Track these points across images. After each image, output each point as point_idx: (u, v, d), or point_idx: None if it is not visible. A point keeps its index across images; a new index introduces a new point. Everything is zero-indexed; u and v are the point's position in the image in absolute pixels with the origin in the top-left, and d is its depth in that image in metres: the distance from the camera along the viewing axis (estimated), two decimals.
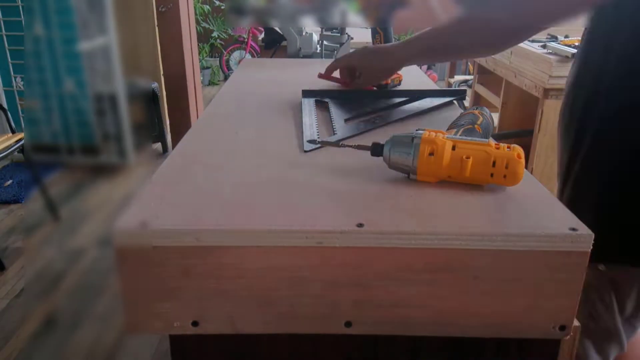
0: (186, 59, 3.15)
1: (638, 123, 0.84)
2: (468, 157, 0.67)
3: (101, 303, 1.89)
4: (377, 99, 1.14)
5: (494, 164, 0.66)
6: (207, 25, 6.08)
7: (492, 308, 0.61)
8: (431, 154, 0.68)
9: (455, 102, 1.14)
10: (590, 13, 0.89)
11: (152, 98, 3.39)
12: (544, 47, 2.33)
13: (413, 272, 0.60)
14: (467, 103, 3.31)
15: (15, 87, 3.30)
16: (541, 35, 2.54)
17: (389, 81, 1.26)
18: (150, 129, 3.40)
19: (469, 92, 3.33)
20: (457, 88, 1.06)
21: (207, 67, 6.03)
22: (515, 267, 0.59)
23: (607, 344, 0.97)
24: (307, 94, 1.14)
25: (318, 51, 2.03)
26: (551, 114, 2.21)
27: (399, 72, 1.24)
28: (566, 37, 2.47)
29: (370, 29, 1.29)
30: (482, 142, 0.68)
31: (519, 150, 0.67)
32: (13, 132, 2.72)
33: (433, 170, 0.69)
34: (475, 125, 0.78)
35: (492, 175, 0.67)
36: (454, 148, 0.68)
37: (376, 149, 0.73)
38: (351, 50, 1.32)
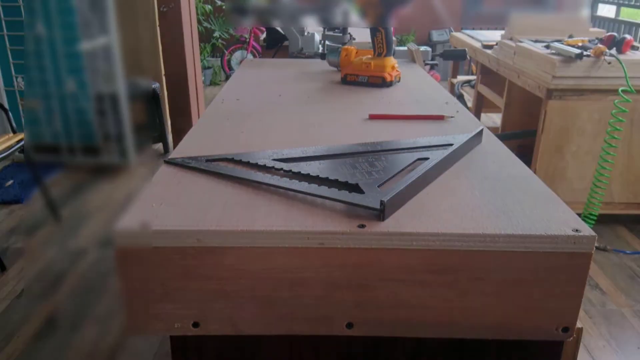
0: (187, 59, 3.14)
1: None
2: None
3: (102, 304, 1.88)
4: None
5: None
6: (208, 25, 6.07)
7: (494, 309, 0.61)
8: None
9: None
10: None
11: (153, 98, 3.38)
12: (547, 47, 2.32)
13: (415, 273, 0.59)
14: (469, 104, 3.30)
15: (16, 87, 3.30)
16: (545, 36, 2.53)
17: (392, 78, 1.28)
18: (151, 130, 3.40)
19: (472, 92, 3.31)
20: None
21: (209, 67, 6.02)
22: (517, 268, 0.59)
23: None
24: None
25: (320, 51, 2.02)
26: (554, 114, 2.21)
27: (399, 69, 1.27)
28: (570, 37, 2.45)
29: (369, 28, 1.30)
30: None
31: None
32: (14, 132, 2.71)
33: None
34: None
35: None
36: None
37: None
38: None
